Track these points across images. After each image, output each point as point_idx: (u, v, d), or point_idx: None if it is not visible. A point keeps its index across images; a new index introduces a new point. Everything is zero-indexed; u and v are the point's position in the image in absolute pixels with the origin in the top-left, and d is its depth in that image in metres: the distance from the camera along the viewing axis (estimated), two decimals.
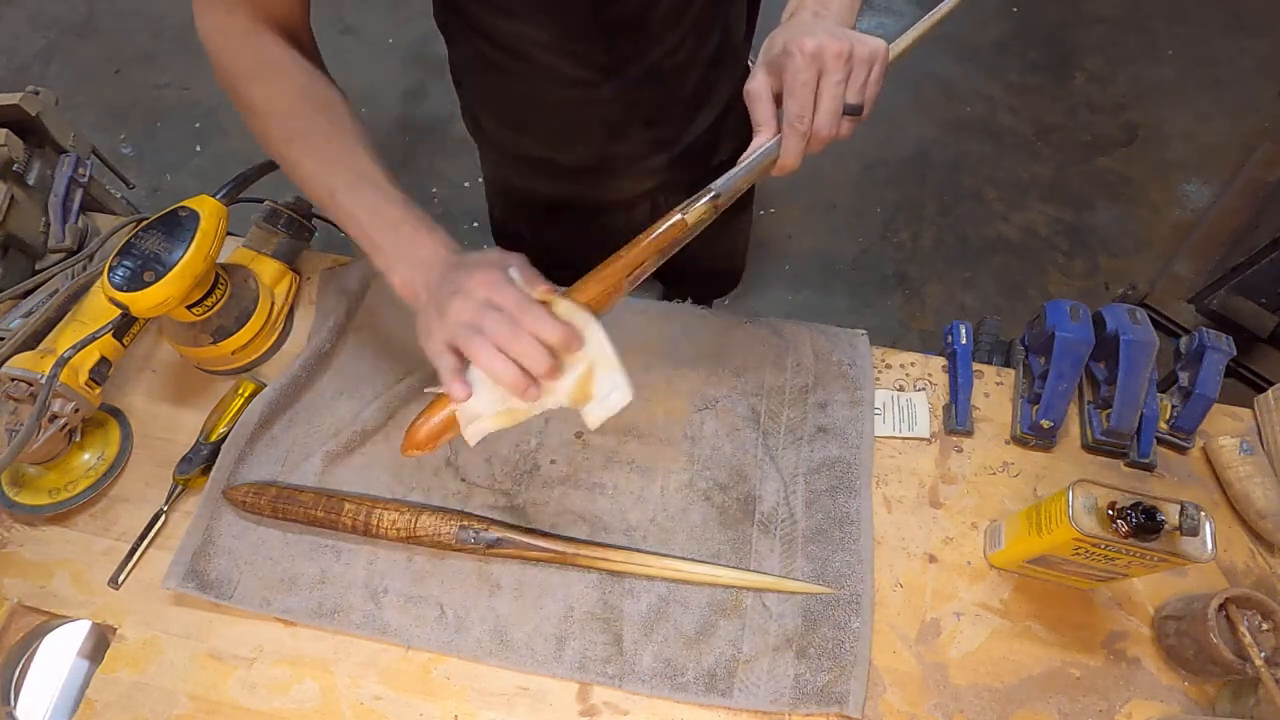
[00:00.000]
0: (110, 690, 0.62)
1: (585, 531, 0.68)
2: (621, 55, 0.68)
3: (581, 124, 0.75)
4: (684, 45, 0.70)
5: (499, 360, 0.46)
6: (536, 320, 0.47)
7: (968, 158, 2.05)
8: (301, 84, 0.59)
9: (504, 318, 0.47)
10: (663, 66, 0.70)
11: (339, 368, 0.77)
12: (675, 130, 0.78)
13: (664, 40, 0.68)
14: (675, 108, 0.76)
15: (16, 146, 0.86)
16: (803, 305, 1.83)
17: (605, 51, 0.67)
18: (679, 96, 0.75)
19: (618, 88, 0.70)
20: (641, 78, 0.70)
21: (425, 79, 2.19)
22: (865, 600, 0.65)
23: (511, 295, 0.47)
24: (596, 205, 0.86)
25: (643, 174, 0.82)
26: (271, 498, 0.67)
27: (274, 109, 0.58)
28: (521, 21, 0.64)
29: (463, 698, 0.62)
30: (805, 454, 0.72)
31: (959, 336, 0.77)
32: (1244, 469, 0.69)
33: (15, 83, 0.93)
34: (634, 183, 0.83)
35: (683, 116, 0.77)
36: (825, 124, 0.50)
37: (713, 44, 0.73)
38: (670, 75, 0.72)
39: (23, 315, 0.77)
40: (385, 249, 0.54)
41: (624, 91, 0.71)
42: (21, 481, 0.69)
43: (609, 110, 0.73)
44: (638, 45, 0.68)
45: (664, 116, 0.76)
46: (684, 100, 0.76)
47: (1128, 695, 0.63)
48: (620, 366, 0.50)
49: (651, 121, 0.76)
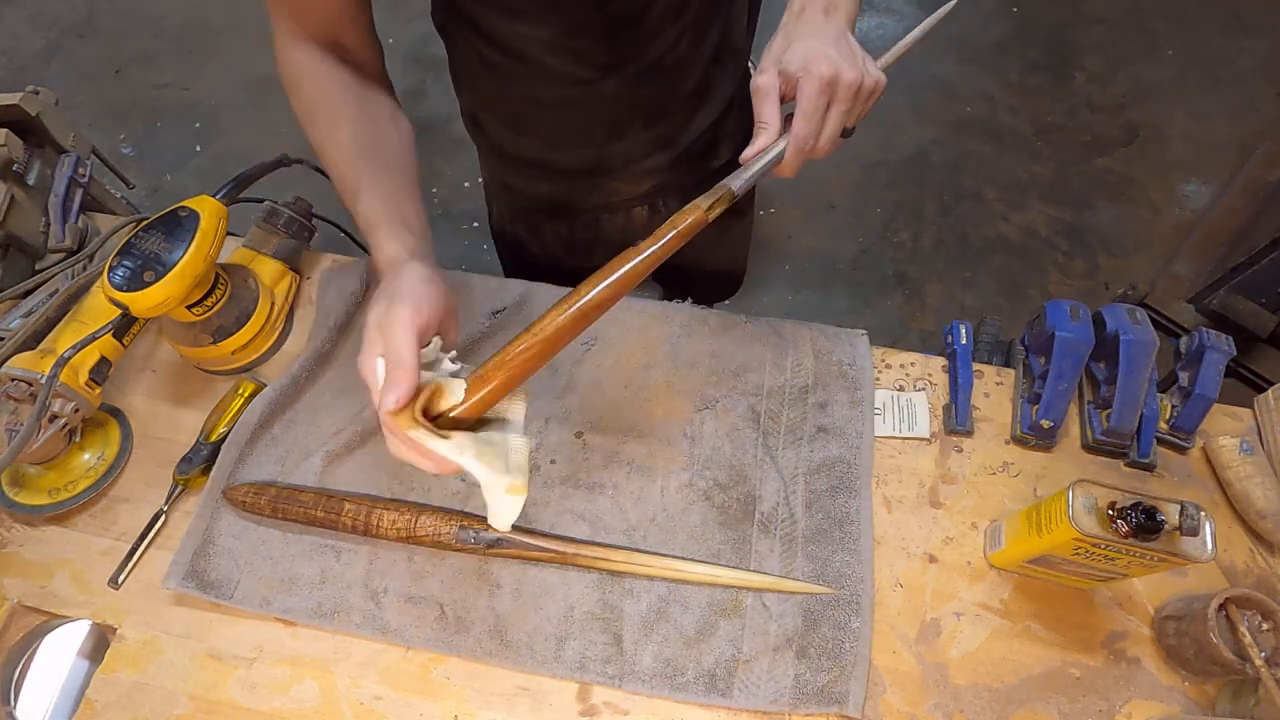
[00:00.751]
0: (110, 690, 0.62)
1: (585, 531, 0.68)
2: (622, 52, 0.68)
3: (581, 123, 0.75)
4: (683, 40, 0.70)
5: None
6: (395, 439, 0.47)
7: (968, 158, 2.05)
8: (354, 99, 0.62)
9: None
10: (663, 63, 0.70)
11: (339, 368, 0.77)
12: (675, 129, 0.78)
13: (664, 35, 0.69)
14: (675, 105, 0.76)
15: (16, 146, 0.86)
16: (803, 305, 1.83)
17: (605, 49, 0.67)
18: (679, 94, 0.75)
19: (618, 85, 0.70)
20: (641, 74, 0.70)
21: (425, 79, 2.19)
22: (865, 600, 0.65)
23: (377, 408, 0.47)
24: (596, 208, 0.86)
25: (642, 175, 0.82)
26: (271, 498, 0.67)
27: (327, 155, 0.61)
28: (522, 20, 0.64)
29: (463, 698, 0.62)
30: (805, 454, 0.72)
31: (959, 336, 0.77)
32: (1244, 469, 0.69)
33: (15, 83, 0.93)
34: (633, 184, 0.83)
35: (683, 114, 0.78)
36: (825, 147, 0.55)
37: (712, 41, 0.73)
38: (670, 71, 0.72)
39: (23, 315, 0.77)
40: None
41: (624, 89, 0.71)
42: (21, 481, 0.69)
43: (609, 108, 0.73)
44: (637, 41, 0.68)
45: (664, 115, 0.76)
46: (684, 98, 0.76)
47: (1128, 695, 0.63)
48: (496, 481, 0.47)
49: (651, 120, 0.76)
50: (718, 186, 0.54)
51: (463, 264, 1.86)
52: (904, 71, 2.18)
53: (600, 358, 0.77)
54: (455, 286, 0.82)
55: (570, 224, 0.88)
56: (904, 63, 0.65)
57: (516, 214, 0.92)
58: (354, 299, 0.80)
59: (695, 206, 0.53)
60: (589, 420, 0.74)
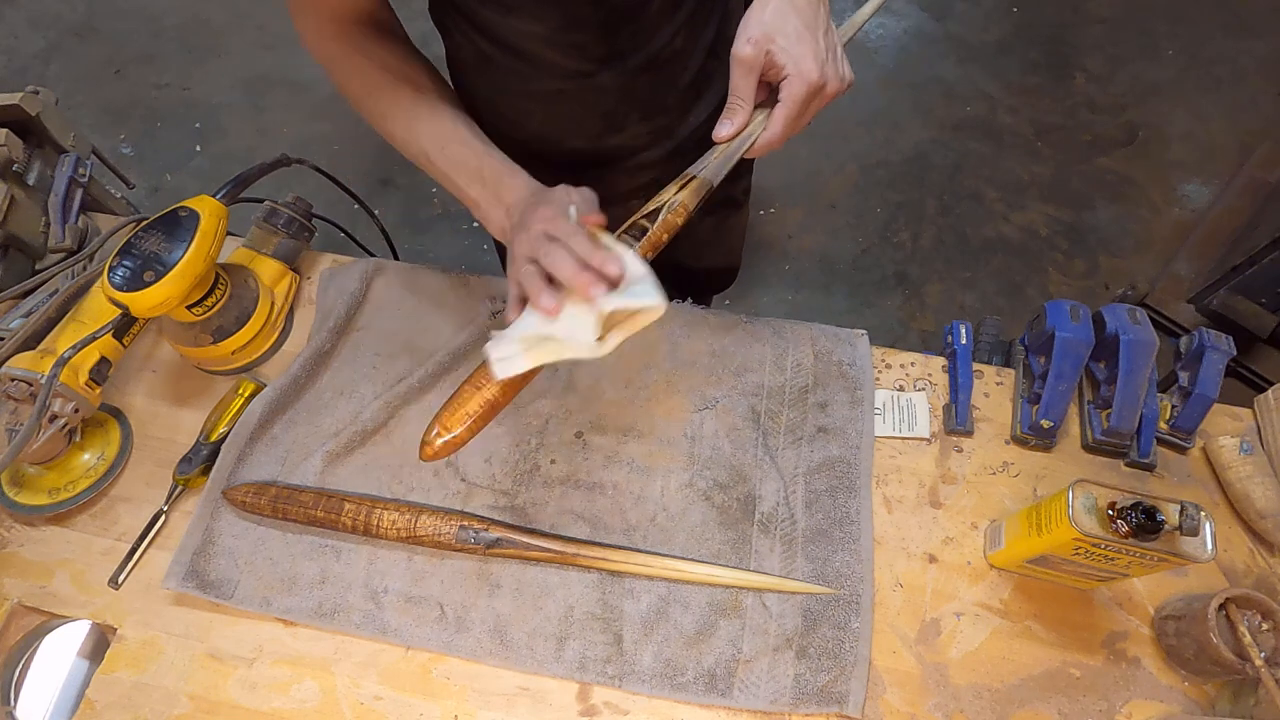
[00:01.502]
0: (110, 690, 0.62)
1: (585, 531, 0.68)
2: (619, 46, 0.68)
3: (578, 116, 0.75)
4: (681, 34, 0.70)
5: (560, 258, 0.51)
6: (583, 245, 0.52)
7: (968, 158, 2.05)
8: (380, 59, 0.64)
9: (557, 246, 0.52)
10: (660, 56, 0.70)
11: (339, 368, 0.77)
12: (673, 121, 0.78)
13: (661, 29, 0.69)
14: (673, 97, 0.76)
15: (16, 146, 0.86)
16: (803, 305, 1.83)
17: (603, 42, 0.67)
18: (676, 87, 0.75)
19: (615, 78, 0.70)
20: (639, 68, 0.70)
21: None
22: (865, 600, 0.65)
23: (564, 227, 0.53)
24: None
25: (640, 167, 0.82)
26: (271, 498, 0.67)
27: (366, 91, 0.65)
28: (520, 15, 0.65)
29: (463, 698, 0.62)
30: (805, 454, 0.72)
31: (959, 336, 0.77)
32: (1244, 469, 0.69)
33: (15, 83, 0.93)
34: (631, 177, 0.83)
35: (681, 107, 0.78)
36: (794, 133, 0.58)
37: (709, 34, 0.74)
38: (668, 65, 0.72)
39: (23, 315, 0.77)
40: (480, 202, 0.61)
41: (621, 82, 0.71)
42: (21, 481, 0.70)
43: (606, 100, 0.73)
44: (635, 35, 0.68)
45: (661, 107, 0.76)
46: (682, 90, 0.76)
47: (1128, 695, 0.63)
48: (653, 279, 0.53)
49: (649, 113, 0.76)
50: (700, 182, 0.58)
51: (462, 264, 1.85)
52: (904, 71, 2.19)
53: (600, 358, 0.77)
54: (455, 286, 0.82)
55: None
56: (904, 63, 0.65)
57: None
58: (354, 299, 0.80)
59: (684, 207, 0.58)
60: (589, 420, 0.74)
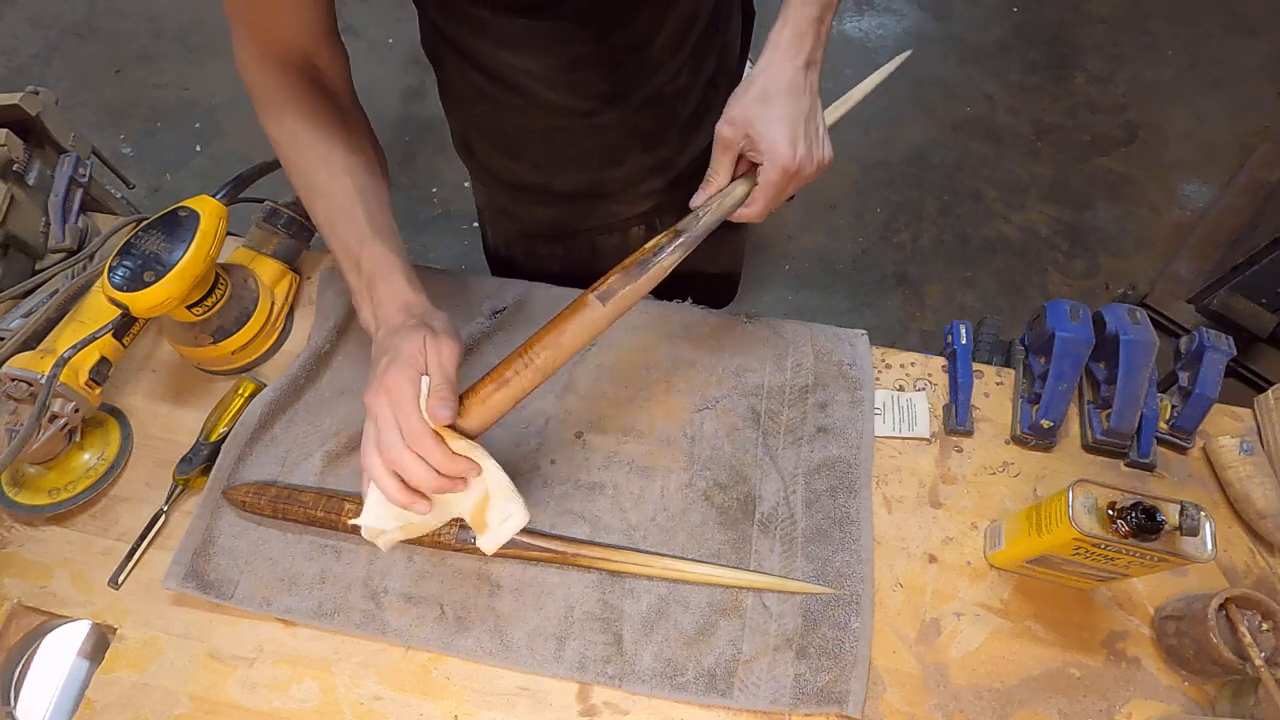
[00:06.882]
0: (110, 690, 0.62)
1: (585, 531, 0.68)
2: (623, 84, 0.67)
3: (578, 150, 0.73)
4: (684, 70, 0.69)
5: (387, 479, 0.52)
6: (435, 454, 0.51)
7: (968, 158, 2.05)
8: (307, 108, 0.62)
9: (409, 457, 0.51)
10: (663, 92, 0.70)
11: (339, 368, 0.77)
12: (673, 153, 0.77)
13: (665, 66, 0.68)
14: (673, 130, 0.75)
15: (16, 146, 0.86)
16: (803, 305, 1.83)
17: (606, 80, 0.66)
18: (677, 119, 0.74)
19: (617, 115, 0.69)
20: (641, 104, 0.69)
21: (425, 79, 2.19)
22: (865, 600, 0.65)
23: (412, 424, 0.51)
24: (592, 229, 0.84)
25: (639, 197, 0.80)
26: (271, 498, 0.67)
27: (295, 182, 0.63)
28: (520, 53, 0.63)
29: (463, 698, 0.62)
30: (805, 454, 0.72)
31: (959, 336, 0.77)
32: (1244, 469, 0.69)
33: (15, 83, 0.93)
34: (629, 206, 0.82)
35: (680, 139, 0.76)
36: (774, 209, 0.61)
37: (710, 66, 0.73)
38: (670, 100, 0.71)
39: (23, 315, 0.77)
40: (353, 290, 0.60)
41: (623, 117, 0.70)
42: (21, 481, 0.70)
43: (606, 136, 0.72)
44: (639, 73, 0.67)
45: (662, 140, 0.75)
46: (682, 123, 0.75)
47: (1128, 695, 0.63)
48: (515, 494, 0.53)
49: (649, 145, 0.74)
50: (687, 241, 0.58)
51: (463, 264, 1.86)
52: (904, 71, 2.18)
53: (600, 358, 0.77)
54: (455, 286, 0.82)
55: (566, 246, 0.87)
56: (904, 62, 0.65)
57: (513, 239, 0.90)
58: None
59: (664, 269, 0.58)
60: (589, 420, 0.74)
